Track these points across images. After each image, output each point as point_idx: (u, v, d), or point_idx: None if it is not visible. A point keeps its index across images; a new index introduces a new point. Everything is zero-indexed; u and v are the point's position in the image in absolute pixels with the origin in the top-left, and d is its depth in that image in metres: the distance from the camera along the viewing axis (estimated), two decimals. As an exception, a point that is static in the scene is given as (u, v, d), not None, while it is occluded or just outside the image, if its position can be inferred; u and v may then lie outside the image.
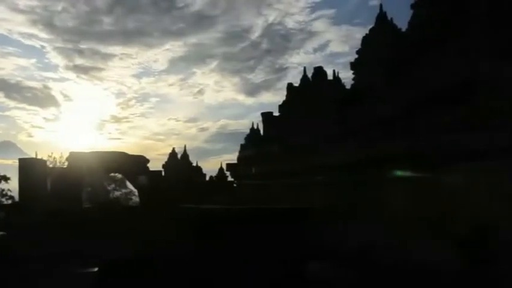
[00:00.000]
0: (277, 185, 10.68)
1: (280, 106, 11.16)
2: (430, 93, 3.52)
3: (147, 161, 9.32)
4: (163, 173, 14.87)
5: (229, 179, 16.52)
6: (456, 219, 3.68)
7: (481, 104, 2.97)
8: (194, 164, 19.29)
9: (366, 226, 7.04)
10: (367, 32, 8.59)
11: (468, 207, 3.50)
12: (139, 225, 6.11)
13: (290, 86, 10.56)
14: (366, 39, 8.50)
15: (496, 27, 2.84)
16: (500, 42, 2.85)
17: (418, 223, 5.80)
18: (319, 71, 9.44)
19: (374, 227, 6.91)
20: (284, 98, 11.14)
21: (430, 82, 3.48)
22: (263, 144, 11.96)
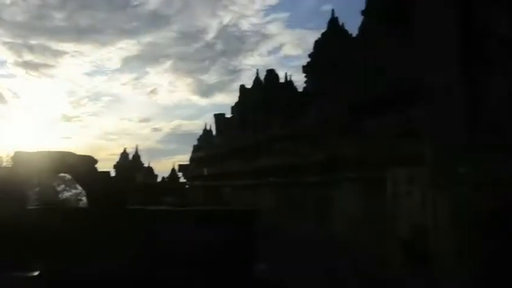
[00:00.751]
0: (228, 186, 10.72)
1: (232, 107, 11.24)
2: (375, 97, 3.63)
3: (95, 161, 9.06)
4: (113, 174, 14.61)
5: (182, 180, 16.46)
6: (399, 220, 3.80)
7: (420, 110, 3.09)
8: (146, 165, 19.09)
9: (312, 227, 7.17)
10: (320, 36, 8.74)
11: (409, 209, 3.62)
12: (86, 227, 5.95)
13: (242, 88, 10.65)
14: (317, 43, 8.64)
15: (435, 37, 2.97)
16: (439, 52, 2.97)
17: (366, 224, 5.98)
18: (271, 74, 9.53)
19: (319, 227, 7.05)
20: (237, 99, 11.22)
21: (375, 87, 3.59)
22: (215, 145, 12.00)
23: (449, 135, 2.87)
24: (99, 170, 8.36)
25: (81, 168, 7.49)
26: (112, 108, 50.97)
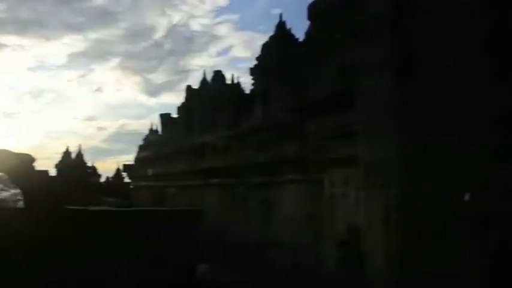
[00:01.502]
0: (173, 187, 10.63)
1: (178, 108, 11.16)
2: (314, 100, 3.71)
3: (33, 159, 8.74)
4: (54, 173, 14.16)
5: (126, 180, 16.17)
6: (335, 221, 3.90)
7: (356, 113, 3.20)
8: (90, 164, 18.61)
9: (255, 228, 7.23)
10: (268, 39, 8.82)
11: (345, 210, 3.73)
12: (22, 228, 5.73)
13: (189, 88, 10.59)
14: (265, 46, 8.71)
15: (369, 44, 3.08)
16: (375, 55, 3.08)
17: (307, 225, 6.09)
18: (218, 75, 9.54)
19: (262, 228, 7.12)
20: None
21: (316, 90, 3.68)
22: (160, 145, 11.87)
23: (383, 138, 2.98)
24: (38, 169, 8.07)
25: (17, 167, 7.20)
26: (56, 105, 49.13)
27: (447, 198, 3.02)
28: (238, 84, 9.75)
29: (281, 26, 8.63)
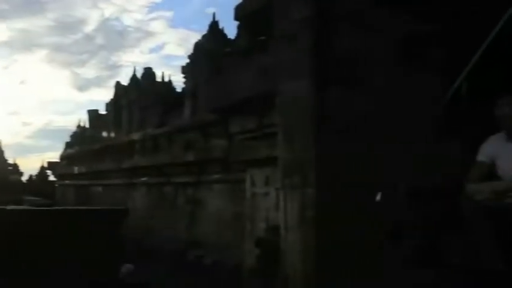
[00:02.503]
0: (99, 186, 10.35)
1: (107, 104, 10.87)
2: (237, 101, 3.76)
3: None
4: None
5: (51, 178, 15.51)
6: (256, 220, 3.97)
7: (274, 116, 3.28)
8: (11, 161, 17.71)
9: (182, 227, 7.20)
10: (200, 38, 8.78)
11: (265, 209, 3.81)
12: None
13: (118, 85, 10.35)
14: (197, 45, 8.68)
15: (289, 48, 3.17)
16: (292, 60, 3.17)
17: (232, 224, 6.14)
18: (148, 72, 9.39)
19: (190, 227, 7.10)
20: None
21: (239, 91, 3.73)
22: (87, 142, 11.51)
23: (300, 139, 3.08)
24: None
25: None
26: (-25, 98, 46.14)
27: (361, 198, 3.18)
28: (170, 82, 9.65)
29: (214, 25, 8.63)
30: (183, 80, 8.65)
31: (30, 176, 17.53)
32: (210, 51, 7.48)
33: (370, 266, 3.21)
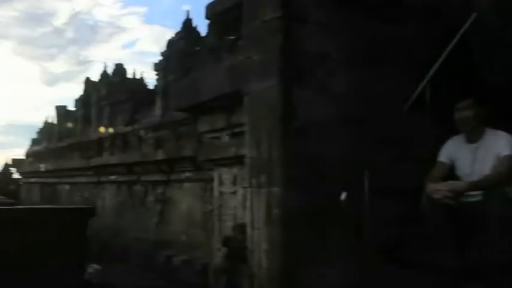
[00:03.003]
0: (67, 184, 10.17)
1: (76, 100, 10.68)
2: (206, 100, 3.77)
3: None
4: None
5: (16, 176, 15.14)
6: (224, 219, 3.99)
7: (243, 116, 3.31)
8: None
9: (152, 226, 7.15)
10: (174, 35, 8.72)
11: (232, 207, 3.83)
12: None
13: (88, 80, 10.19)
14: (170, 42, 8.62)
15: (257, 48, 3.20)
16: (259, 63, 3.21)
17: (201, 223, 6.14)
18: (119, 68, 9.27)
19: (160, 226, 7.06)
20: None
21: (208, 90, 3.74)
22: (55, 139, 11.29)
23: (267, 139, 3.11)
24: None
25: None
26: None
27: (327, 197, 3.24)
28: (141, 79, 9.56)
29: (187, 22, 8.59)
30: (156, 77, 8.59)
31: (-7, 173, 17.09)
32: (182, 49, 7.44)
33: (336, 264, 3.27)
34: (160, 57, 8.49)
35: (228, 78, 3.47)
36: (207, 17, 4.81)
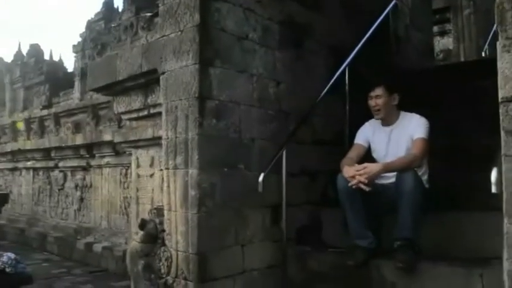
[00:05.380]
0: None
1: (-12, 82, 9.98)
2: (122, 81, 3.63)
3: None
4: None
5: None
6: (142, 202, 3.90)
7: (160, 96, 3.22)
8: None
9: (73, 212, 6.88)
10: (93, 16, 8.36)
11: (149, 190, 3.74)
12: None
13: (0, 61, 9.54)
14: (89, 23, 8.25)
15: (172, 27, 3.12)
16: (174, 42, 3.12)
17: (120, 207, 5.99)
18: (35, 49, 8.76)
19: (80, 213, 6.81)
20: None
21: (124, 70, 3.60)
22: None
23: (182, 119, 3.05)
24: None
25: None
26: None
27: (244, 179, 3.23)
28: (60, 61, 9.09)
29: (108, 4, 8.26)
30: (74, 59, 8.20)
31: None
32: (100, 29, 7.15)
33: (254, 246, 3.30)
34: (80, 39, 8.13)
35: (144, 56, 3.35)
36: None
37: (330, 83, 3.82)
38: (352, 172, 2.97)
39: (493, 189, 2.22)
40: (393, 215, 2.96)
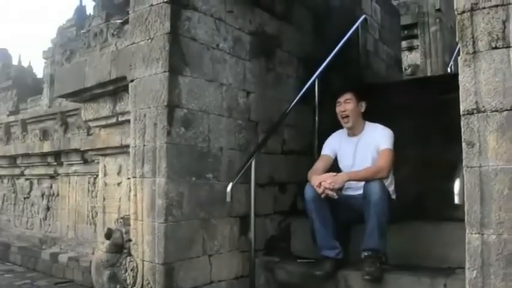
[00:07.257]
0: None
1: (-47, 86, 9.72)
2: (90, 87, 3.58)
3: None
4: None
5: None
6: (109, 211, 3.83)
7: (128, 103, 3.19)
8: None
9: (39, 222, 6.71)
10: (64, 22, 8.28)
11: (116, 199, 3.68)
12: None
13: (-34, 65, 9.32)
14: (61, 30, 8.16)
15: (142, 34, 3.09)
16: (144, 50, 3.10)
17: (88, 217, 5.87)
18: (3, 53, 8.58)
19: (46, 222, 6.65)
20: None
21: (92, 77, 3.55)
22: None
23: (151, 127, 3.02)
24: None
25: None
26: None
27: (211, 189, 3.22)
28: (29, 66, 8.93)
29: (80, 10, 8.18)
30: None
31: None
32: (71, 34, 7.06)
33: (221, 257, 3.27)
34: (50, 45, 8.03)
35: (113, 63, 3.31)
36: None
37: (300, 93, 3.85)
38: (319, 180, 2.99)
39: (456, 200, 2.27)
40: (361, 225, 2.98)
